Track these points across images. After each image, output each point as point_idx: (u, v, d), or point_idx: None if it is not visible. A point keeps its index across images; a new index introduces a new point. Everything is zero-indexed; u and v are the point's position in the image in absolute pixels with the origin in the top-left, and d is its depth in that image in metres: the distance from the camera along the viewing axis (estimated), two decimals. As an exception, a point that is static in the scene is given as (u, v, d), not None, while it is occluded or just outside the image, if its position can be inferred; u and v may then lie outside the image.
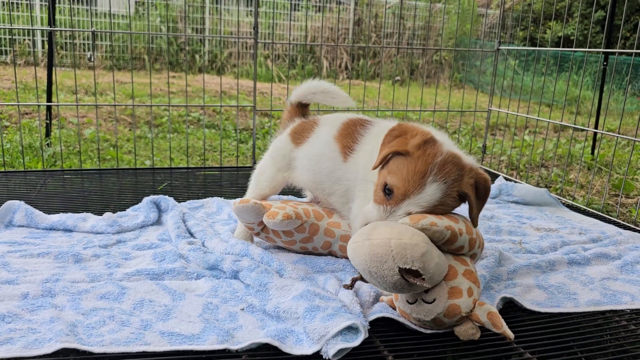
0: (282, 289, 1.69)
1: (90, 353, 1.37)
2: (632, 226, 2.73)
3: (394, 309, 1.66)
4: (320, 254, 2.08)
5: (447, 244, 1.56)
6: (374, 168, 1.66)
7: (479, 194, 1.62)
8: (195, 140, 5.00)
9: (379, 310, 1.62)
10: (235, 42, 10.51)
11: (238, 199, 1.98)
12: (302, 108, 2.38)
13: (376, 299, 1.73)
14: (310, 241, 2.02)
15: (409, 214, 1.55)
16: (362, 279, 1.59)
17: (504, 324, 1.47)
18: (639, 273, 2.06)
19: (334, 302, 1.59)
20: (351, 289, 1.65)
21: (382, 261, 1.44)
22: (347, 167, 1.94)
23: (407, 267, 1.43)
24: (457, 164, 1.57)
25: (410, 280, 1.43)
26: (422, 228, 1.50)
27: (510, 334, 1.44)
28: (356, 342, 1.43)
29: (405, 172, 1.55)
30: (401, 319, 1.61)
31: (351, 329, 1.47)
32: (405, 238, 1.45)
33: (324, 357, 1.40)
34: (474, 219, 1.63)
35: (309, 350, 1.41)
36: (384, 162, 1.63)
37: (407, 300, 1.57)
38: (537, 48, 3.80)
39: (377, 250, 1.45)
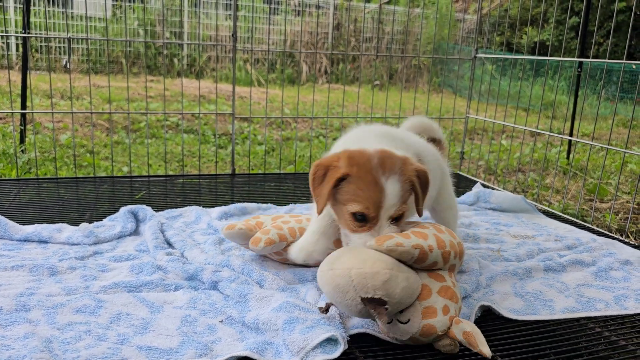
0: (262, 300, 1.69)
1: (66, 370, 1.35)
2: (606, 232, 2.78)
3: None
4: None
5: (417, 262, 1.55)
6: (320, 212, 1.61)
7: (422, 184, 1.63)
8: (174, 146, 4.96)
9: (360, 325, 1.62)
10: (214, 46, 10.46)
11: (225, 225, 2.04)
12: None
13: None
14: None
15: (390, 217, 1.56)
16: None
17: (482, 342, 1.45)
18: (612, 279, 2.11)
19: (314, 313, 1.59)
20: (326, 313, 1.62)
21: (344, 292, 1.45)
22: None
23: (369, 297, 1.42)
24: (392, 157, 1.58)
25: (373, 309, 1.43)
26: (388, 250, 1.50)
27: (486, 352, 1.42)
28: (336, 353, 1.43)
29: (360, 191, 1.54)
30: (381, 335, 1.61)
31: (331, 341, 1.47)
32: (366, 267, 1.44)
33: None
34: (420, 210, 1.66)
35: None
36: (327, 201, 1.59)
37: (386, 321, 1.56)
38: (514, 56, 3.85)
39: (339, 281, 1.46)
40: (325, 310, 1.61)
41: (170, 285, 1.83)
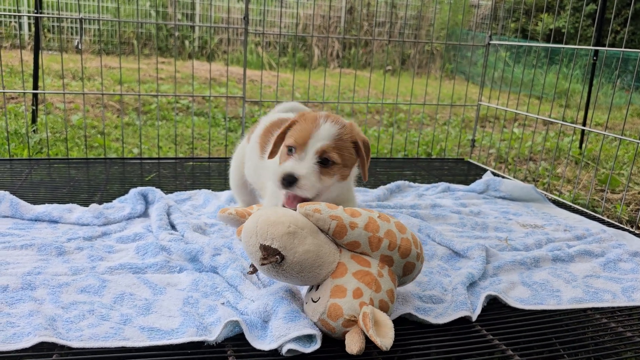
0: (254, 289, 1.68)
1: (69, 348, 1.36)
2: (616, 223, 2.75)
3: None
4: None
5: (336, 236, 1.50)
6: (272, 157, 1.87)
7: (366, 150, 1.83)
8: (184, 129, 4.96)
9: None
10: (225, 28, 10.41)
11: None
12: None
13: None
14: None
15: (318, 152, 1.73)
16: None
17: (385, 333, 1.35)
18: (621, 271, 2.08)
19: (300, 303, 1.57)
20: (252, 273, 1.60)
21: (249, 236, 1.46)
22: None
23: (267, 244, 1.42)
24: (339, 118, 1.80)
25: (263, 256, 1.41)
26: (305, 214, 1.51)
27: (380, 344, 1.31)
28: (310, 349, 1.40)
29: (297, 128, 1.78)
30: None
31: (309, 336, 1.44)
32: (273, 216, 1.46)
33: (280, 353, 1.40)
34: (365, 173, 1.86)
35: (267, 347, 1.41)
36: (276, 146, 1.87)
37: (305, 302, 1.52)
38: (528, 43, 3.79)
39: (247, 225, 1.48)
40: (253, 271, 1.59)
41: (174, 267, 1.84)
